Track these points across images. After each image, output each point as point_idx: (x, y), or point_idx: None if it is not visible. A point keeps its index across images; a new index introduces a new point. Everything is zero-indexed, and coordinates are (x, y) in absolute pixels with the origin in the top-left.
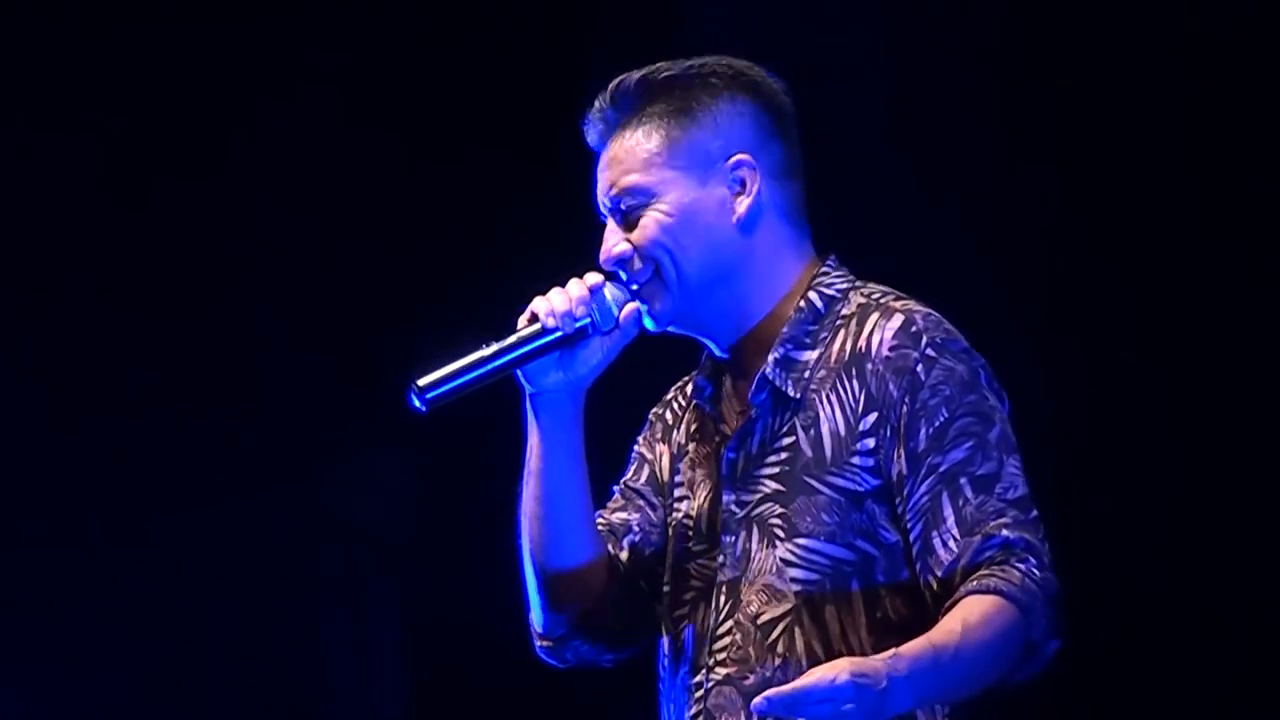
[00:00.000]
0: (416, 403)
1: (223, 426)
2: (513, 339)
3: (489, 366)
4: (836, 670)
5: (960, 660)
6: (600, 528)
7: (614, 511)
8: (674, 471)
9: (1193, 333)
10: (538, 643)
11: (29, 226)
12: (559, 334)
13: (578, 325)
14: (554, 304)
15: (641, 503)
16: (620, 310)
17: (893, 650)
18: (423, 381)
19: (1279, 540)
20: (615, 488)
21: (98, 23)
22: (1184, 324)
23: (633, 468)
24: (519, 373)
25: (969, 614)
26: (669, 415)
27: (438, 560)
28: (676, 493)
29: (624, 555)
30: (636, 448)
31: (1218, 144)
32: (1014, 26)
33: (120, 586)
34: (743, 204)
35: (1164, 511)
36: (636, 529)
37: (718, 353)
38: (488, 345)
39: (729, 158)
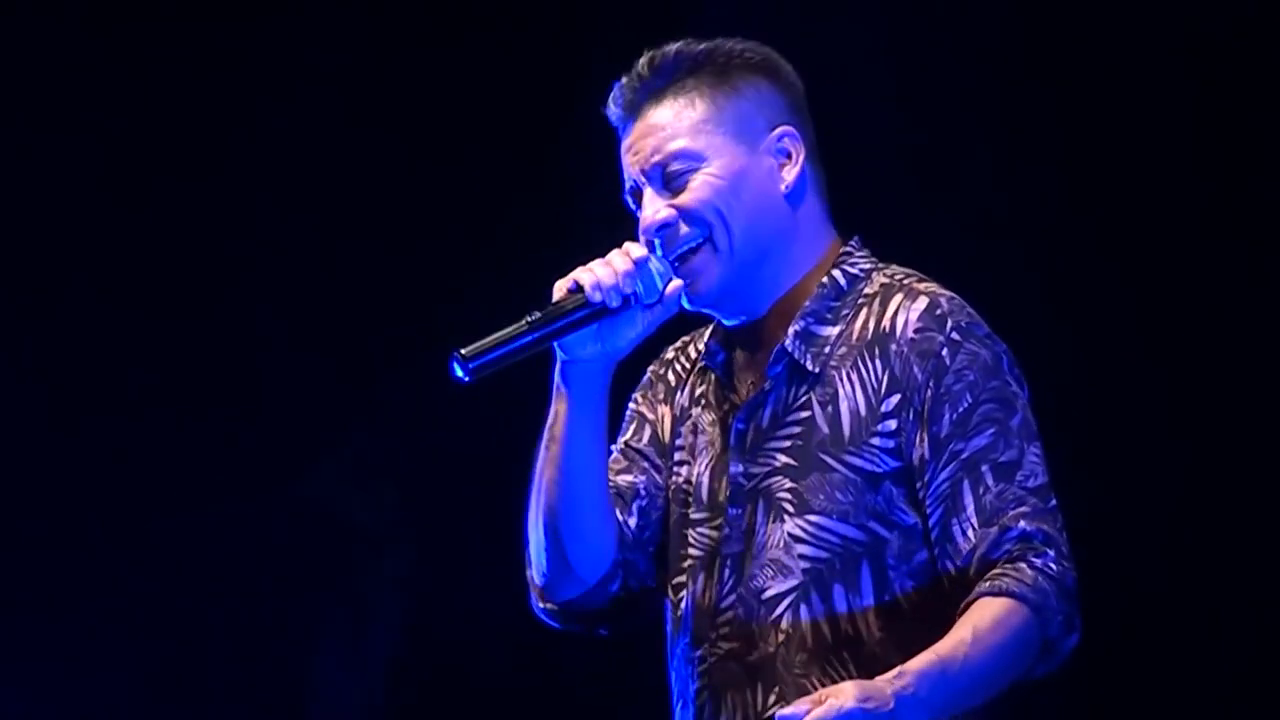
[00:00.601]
0: (459, 372)
1: (223, 426)
2: (557, 311)
3: (532, 337)
4: (843, 698)
5: (970, 669)
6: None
7: (618, 473)
8: (674, 435)
9: (1193, 333)
10: (539, 604)
11: (29, 226)
12: (602, 306)
13: (623, 297)
14: (599, 276)
15: (646, 465)
16: (665, 283)
17: (898, 669)
18: (466, 351)
19: (1279, 540)
20: (614, 447)
21: (98, 23)
22: (1184, 324)
23: (632, 427)
24: (555, 341)
25: (979, 619)
26: (670, 376)
27: (437, 560)
28: (676, 456)
29: (632, 521)
30: (634, 406)
31: (1218, 144)
32: (1014, 26)
33: (120, 586)
34: (790, 173)
35: (1164, 511)
36: (644, 493)
37: (729, 322)
38: (531, 315)
39: (773, 128)
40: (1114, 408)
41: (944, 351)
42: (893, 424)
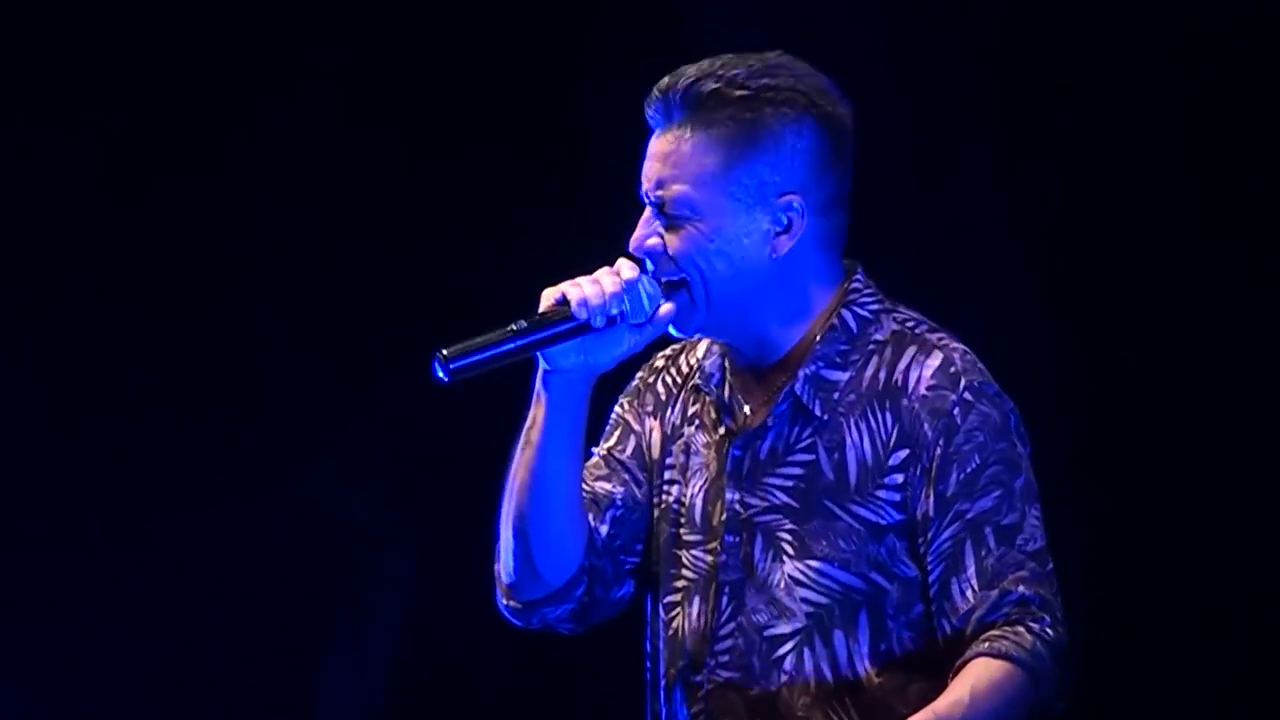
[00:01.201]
0: (440, 372)
1: (223, 426)
2: (542, 323)
3: (515, 345)
4: None
5: None
6: (583, 494)
7: (596, 479)
8: (665, 453)
9: (1193, 333)
10: (504, 601)
11: (29, 226)
12: (587, 323)
13: (608, 317)
14: (587, 294)
15: (626, 477)
16: (653, 306)
17: None
18: (448, 351)
19: (1279, 540)
20: (595, 451)
21: (98, 23)
22: (1184, 324)
23: (616, 434)
24: (538, 351)
25: (977, 680)
26: (661, 388)
27: (437, 560)
28: (667, 475)
29: (604, 529)
30: (620, 412)
31: (1218, 144)
32: (1014, 26)
33: (120, 586)
34: (784, 245)
35: (1164, 511)
36: (620, 504)
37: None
38: (517, 324)
39: (781, 195)
40: (1114, 408)
41: (956, 411)
42: (900, 478)
